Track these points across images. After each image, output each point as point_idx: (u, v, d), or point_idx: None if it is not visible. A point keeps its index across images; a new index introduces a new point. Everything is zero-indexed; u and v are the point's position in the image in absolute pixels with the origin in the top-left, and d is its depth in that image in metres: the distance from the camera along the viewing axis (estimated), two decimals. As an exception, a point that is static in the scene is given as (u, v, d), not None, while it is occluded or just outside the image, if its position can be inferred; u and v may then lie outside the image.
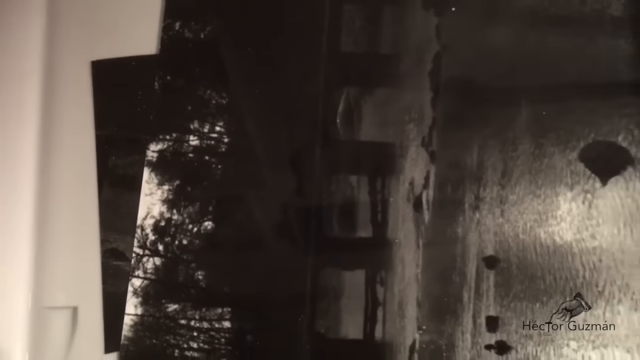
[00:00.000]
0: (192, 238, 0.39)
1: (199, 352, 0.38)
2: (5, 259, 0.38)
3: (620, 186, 0.39)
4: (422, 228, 0.39)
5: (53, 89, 0.41)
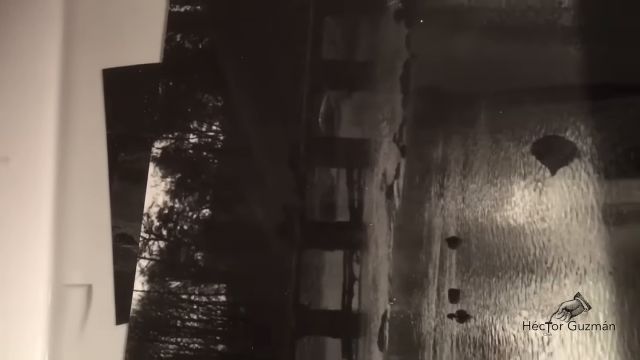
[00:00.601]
0: (192, 223, 0.44)
1: (198, 322, 0.42)
2: (29, 244, 0.42)
3: (567, 175, 0.44)
4: (393, 213, 0.43)
5: (69, 94, 0.45)
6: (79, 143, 0.45)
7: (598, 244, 0.42)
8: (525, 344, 0.41)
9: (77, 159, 0.44)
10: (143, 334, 0.42)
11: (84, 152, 0.45)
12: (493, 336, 0.41)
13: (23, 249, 0.42)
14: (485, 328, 0.41)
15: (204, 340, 0.42)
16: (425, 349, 0.41)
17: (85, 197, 0.44)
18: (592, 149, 0.43)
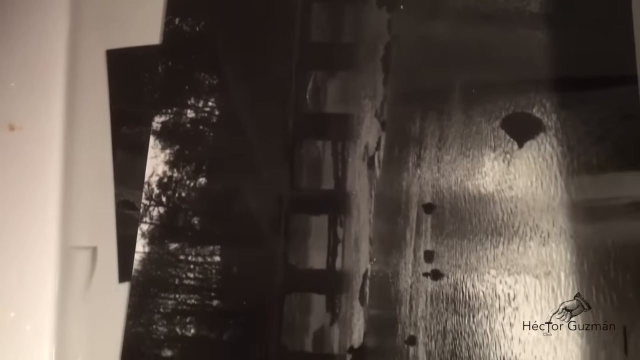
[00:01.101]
0: (189, 191, 0.47)
1: (194, 280, 0.46)
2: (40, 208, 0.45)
3: (533, 148, 0.47)
4: (374, 182, 0.46)
5: (75, 72, 0.48)
6: (85, 118, 0.48)
7: (560, 210, 0.45)
8: (493, 300, 0.44)
9: (82, 132, 0.47)
10: (144, 291, 0.45)
11: (89, 126, 0.48)
12: (464, 292, 0.45)
13: (34, 213, 0.45)
14: (457, 285, 0.45)
15: (200, 296, 0.45)
16: (402, 304, 0.44)
17: (91, 166, 0.47)
18: (556, 125, 0.46)
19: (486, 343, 0.43)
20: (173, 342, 0.44)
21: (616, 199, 0.45)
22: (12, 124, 0.42)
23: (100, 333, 0.45)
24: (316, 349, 0.44)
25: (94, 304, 0.45)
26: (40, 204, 0.45)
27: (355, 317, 0.44)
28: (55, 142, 0.45)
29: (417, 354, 0.43)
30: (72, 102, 0.47)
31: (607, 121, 0.46)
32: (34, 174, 0.45)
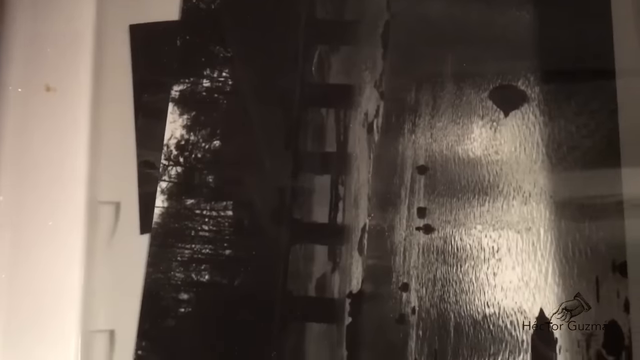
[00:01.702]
0: (204, 153, 0.51)
1: (209, 232, 0.50)
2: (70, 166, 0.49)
3: (518, 117, 0.50)
4: (372, 146, 0.50)
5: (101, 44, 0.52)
6: (110, 85, 0.52)
7: (541, 173, 0.49)
8: (479, 252, 0.49)
9: (108, 98, 0.51)
10: (163, 241, 0.49)
11: (113, 93, 0.52)
12: (452, 245, 0.49)
13: (64, 169, 0.49)
14: (446, 238, 0.49)
15: (213, 246, 0.49)
16: (396, 254, 0.49)
17: (115, 129, 0.51)
18: (539, 97, 0.50)
19: (472, 290, 0.48)
20: (189, 287, 0.48)
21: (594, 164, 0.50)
22: (48, 85, 0.46)
23: (123, 279, 0.49)
24: (318, 294, 0.48)
25: (117, 253, 0.50)
26: (70, 161, 0.49)
27: (354, 266, 0.48)
28: (84, 105, 0.49)
29: (409, 299, 0.48)
30: (99, 71, 0.51)
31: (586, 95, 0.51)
32: (65, 132, 0.49)
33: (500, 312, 0.47)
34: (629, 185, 0.48)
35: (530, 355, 0.46)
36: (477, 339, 0.46)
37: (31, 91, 0.45)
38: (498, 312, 0.47)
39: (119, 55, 0.53)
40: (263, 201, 0.49)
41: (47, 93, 0.46)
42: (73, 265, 0.48)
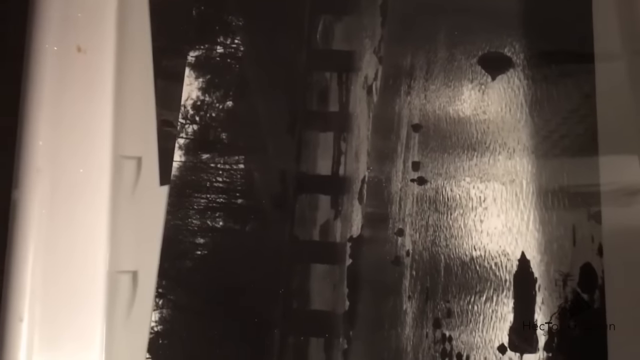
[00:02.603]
0: (218, 112, 0.55)
1: (222, 183, 0.54)
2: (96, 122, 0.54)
3: (504, 81, 0.54)
4: (372, 106, 0.54)
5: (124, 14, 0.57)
6: (132, 51, 0.56)
7: (524, 131, 0.53)
8: (467, 201, 0.53)
9: (131, 63, 0.56)
10: (181, 192, 0.53)
11: (135, 58, 0.56)
12: (443, 195, 0.53)
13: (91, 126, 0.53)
14: (438, 189, 0.53)
15: (227, 196, 0.54)
16: (393, 203, 0.53)
17: (137, 91, 0.55)
18: (523, 62, 0.54)
19: (460, 235, 0.53)
20: (204, 232, 0.53)
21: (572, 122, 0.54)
22: (79, 46, 0.51)
23: (145, 226, 0.53)
24: (322, 239, 0.53)
25: (139, 203, 0.54)
26: (97, 117, 0.53)
27: (354, 214, 0.53)
28: (109, 67, 0.53)
29: (404, 243, 0.52)
30: (123, 37, 0.54)
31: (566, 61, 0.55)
32: (92, 91, 0.53)
33: (486, 255, 0.52)
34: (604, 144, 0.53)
35: (512, 292, 0.51)
36: (465, 279, 0.51)
37: (64, 50, 0.49)
38: (484, 255, 0.52)
39: (141, 24, 0.57)
40: (272, 156, 0.54)
41: (78, 53, 0.50)
42: (100, 212, 0.52)
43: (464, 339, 0.49)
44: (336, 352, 0.49)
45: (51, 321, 0.45)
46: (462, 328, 0.50)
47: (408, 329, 0.49)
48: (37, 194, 0.45)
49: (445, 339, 0.49)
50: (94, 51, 0.52)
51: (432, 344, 0.49)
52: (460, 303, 0.50)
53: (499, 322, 0.50)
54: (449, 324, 0.49)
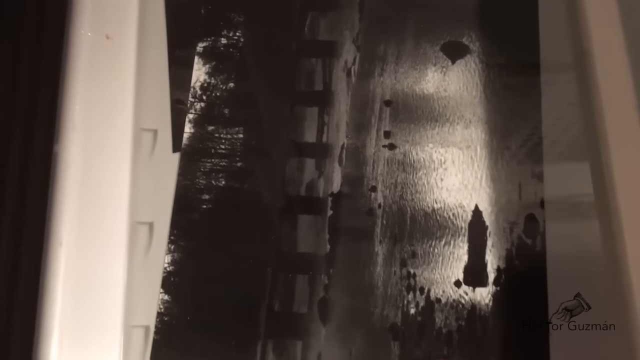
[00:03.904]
0: (222, 92, 0.64)
1: (225, 150, 0.62)
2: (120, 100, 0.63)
3: (462, 64, 0.62)
4: (350, 85, 0.61)
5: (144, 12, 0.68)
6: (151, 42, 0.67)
7: (479, 105, 0.61)
8: (430, 163, 0.62)
9: (150, 51, 0.66)
10: (190, 157, 0.61)
11: (153, 48, 0.66)
12: (410, 158, 0.62)
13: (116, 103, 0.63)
14: (405, 153, 0.60)
15: (228, 160, 0.62)
16: (367, 165, 0.61)
17: (154, 75, 0.65)
18: (479, 48, 0.63)
19: (424, 191, 0.62)
20: (209, 190, 0.62)
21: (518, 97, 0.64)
22: (108, 34, 0.61)
23: (160, 185, 0.61)
24: (308, 194, 0.61)
25: (155, 166, 0.61)
26: (121, 96, 0.62)
27: (334, 174, 0.62)
28: (132, 54, 0.63)
29: (376, 197, 0.62)
30: (144, 29, 0.64)
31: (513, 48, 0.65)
32: (118, 73, 0.62)
33: (445, 207, 0.61)
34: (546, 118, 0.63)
35: (467, 237, 0.60)
36: (427, 226, 0.60)
37: (96, 37, 0.59)
38: (443, 207, 0.61)
39: (158, 20, 0.67)
40: (266, 127, 0.64)
41: (106, 40, 0.61)
42: (123, 173, 0.61)
43: (425, 276, 0.58)
44: (318, 286, 0.58)
45: (85, 249, 0.54)
46: (424, 267, 0.59)
47: (379, 268, 0.59)
48: (73, 148, 0.55)
49: (410, 276, 0.58)
50: (120, 39, 0.62)
51: (399, 280, 0.58)
52: (423, 246, 0.59)
53: (455, 261, 0.59)
54: (413, 263, 0.59)
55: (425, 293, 0.55)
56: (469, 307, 0.55)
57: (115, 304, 0.56)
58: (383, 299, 0.55)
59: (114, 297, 0.56)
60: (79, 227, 0.53)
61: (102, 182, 0.57)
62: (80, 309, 0.51)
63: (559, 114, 0.59)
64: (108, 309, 0.55)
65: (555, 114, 0.60)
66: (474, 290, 0.55)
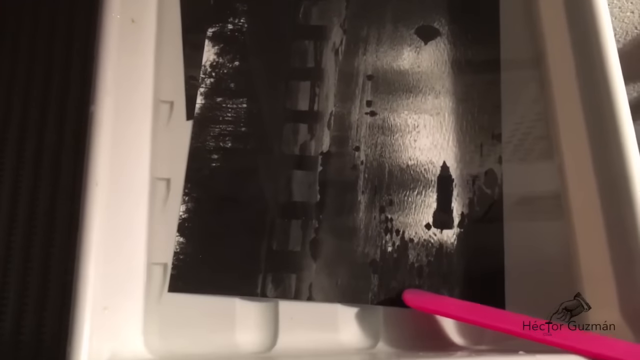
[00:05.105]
0: (228, 69, 0.74)
1: (231, 117, 0.69)
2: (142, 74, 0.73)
3: (433, 45, 0.73)
4: (338, 63, 0.68)
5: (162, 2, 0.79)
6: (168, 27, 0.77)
7: (447, 79, 0.71)
8: (405, 127, 0.72)
9: (167, 35, 0.77)
10: (201, 124, 0.70)
11: (170, 32, 0.76)
12: (388, 123, 0.72)
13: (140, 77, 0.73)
14: (385, 119, 0.70)
15: (234, 125, 0.71)
16: (352, 129, 0.70)
17: (170, 55, 0.75)
18: (448, 32, 0.75)
19: (400, 150, 0.72)
20: (218, 151, 0.71)
21: (481, 72, 0.75)
22: (133, 18, 0.72)
23: (176, 147, 0.69)
24: (301, 153, 0.71)
25: (173, 131, 0.70)
26: (144, 72, 0.73)
27: (324, 136, 0.72)
28: (152, 36, 0.74)
29: (359, 155, 0.72)
30: (161, 15, 0.73)
31: (477, 32, 0.76)
32: (140, 53, 0.72)
33: (418, 164, 0.71)
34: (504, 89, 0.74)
35: (436, 188, 0.71)
36: (403, 179, 0.71)
37: (124, 20, 0.70)
38: (416, 163, 0.71)
39: (173, 7, 0.79)
40: (266, 97, 0.74)
41: (132, 24, 0.72)
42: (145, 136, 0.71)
43: (401, 220, 0.69)
44: (310, 229, 0.68)
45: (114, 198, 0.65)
46: (399, 212, 0.69)
47: (361, 214, 0.69)
48: (105, 110, 0.65)
49: (388, 220, 0.69)
50: (142, 23, 0.73)
51: (378, 223, 0.69)
52: (399, 196, 0.70)
53: (426, 208, 0.69)
54: (391, 209, 0.69)
55: (400, 234, 0.66)
56: (437, 246, 0.65)
57: (139, 245, 0.66)
58: (364, 239, 0.65)
59: (138, 239, 0.66)
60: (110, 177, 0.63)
61: (128, 144, 0.67)
62: (111, 248, 0.61)
63: (514, 87, 0.70)
64: (133, 248, 0.65)
65: (512, 87, 0.70)
66: (442, 231, 0.65)
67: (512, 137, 0.66)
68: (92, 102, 0.60)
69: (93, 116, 0.59)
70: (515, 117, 0.66)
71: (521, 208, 0.64)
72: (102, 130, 0.59)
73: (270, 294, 0.61)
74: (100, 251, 0.57)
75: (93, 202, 0.57)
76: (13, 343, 0.67)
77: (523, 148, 0.66)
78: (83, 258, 0.56)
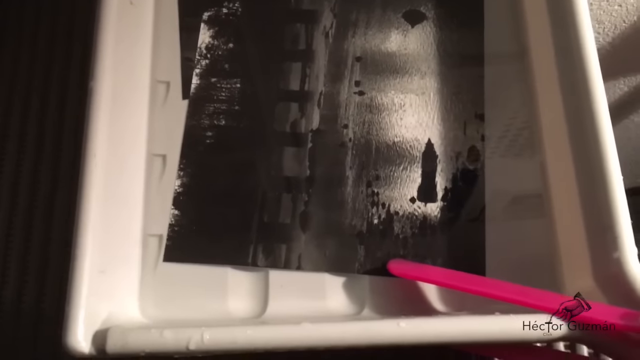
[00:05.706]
0: (223, 51, 0.77)
1: (224, 97, 0.73)
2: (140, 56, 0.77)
3: (420, 28, 0.76)
4: (328, 45, 0.71)
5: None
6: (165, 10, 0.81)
7: (433, 60, 0.74)
8: (392, 106, 0.76)
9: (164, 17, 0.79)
10: (196, 103, 0.71)
11: (167, 15, 0.79)
12: (376, 102, 0.75)
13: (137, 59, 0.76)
14: (372, 98, 0.73)
15: (228, 104, 0.73)
16: (341, 108, 0.73)
17: (168, 37, 0.78)
18: (434, 16, 0.78)
19: (387, 128, 0.75)
20: (212, 129, 0.73)
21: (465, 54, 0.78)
22: (132, 1, 0.76)
23: (172, 125, 0.71)
24: (292, 130, 0.74)
25: (169, 109, 0.72)
26: (141, 53, 0.76)
27: (314, 114, 0.75)
28: (149, 19, 0.77)
29: (348, 133, 0.74)
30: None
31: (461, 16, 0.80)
32: (138, 34, 0.75)
33: (404, 141, 0.74)
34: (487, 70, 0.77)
35: (421, 164, 0.74)
36: (389, 155, 0.74)
37: (123, 2, 0.74)
38: (402, 140, 0.74)
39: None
40: (259, 78, 0.78)
41: (130, 6, 0.75)
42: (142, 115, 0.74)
43: (387, 194, 0.72)
44: (300, 202, 0.71)
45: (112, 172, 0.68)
46: (385, 187, 0.72)
47: (349, 188, 0.72)
48: (104, 85, 0.68)
49: (374, 194, 0.72)
50: (141, 6, 0.76)
51: (365, 197, 0.72)
52: (385, 171, 0.73)
53: (411, 183, 0.73)
54: (377, 184, 0.72)
55: (386, 207, 0.69)
56: (421, 218, 0.68)
57: (136, 217, 0.69)
58: (352, 212, 0.68)
59: (135, 211, 0.69)
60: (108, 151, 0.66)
61: (126, 121, 0.70)
62: (109, 218, 0.64)
63: (497, 68, 0.73)
64: (130, 220, 0.68)
65: (495, 68, 0.74)
66: (426, 205, 0.68)
67: (494, 115, 0.69)
68: (92, 78, 0.63)
69: (92, 92, 0.62)
70: (498, 94, 0.69)
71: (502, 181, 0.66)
72: (100, 106, 0.61)
73: (261, 263, 0.64)
74: (98, 220, 0.59)
75: (91, 173, 0.60)
76: (14, 311, 0.70)
77: (505, 126, 0.69)
78: (81, 225, 0.58)
